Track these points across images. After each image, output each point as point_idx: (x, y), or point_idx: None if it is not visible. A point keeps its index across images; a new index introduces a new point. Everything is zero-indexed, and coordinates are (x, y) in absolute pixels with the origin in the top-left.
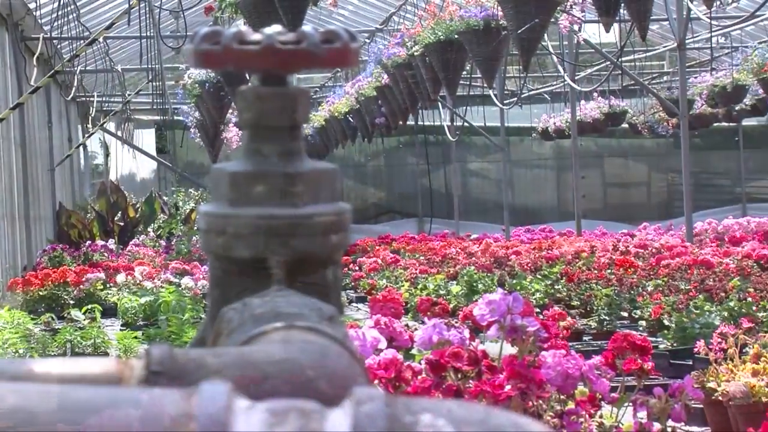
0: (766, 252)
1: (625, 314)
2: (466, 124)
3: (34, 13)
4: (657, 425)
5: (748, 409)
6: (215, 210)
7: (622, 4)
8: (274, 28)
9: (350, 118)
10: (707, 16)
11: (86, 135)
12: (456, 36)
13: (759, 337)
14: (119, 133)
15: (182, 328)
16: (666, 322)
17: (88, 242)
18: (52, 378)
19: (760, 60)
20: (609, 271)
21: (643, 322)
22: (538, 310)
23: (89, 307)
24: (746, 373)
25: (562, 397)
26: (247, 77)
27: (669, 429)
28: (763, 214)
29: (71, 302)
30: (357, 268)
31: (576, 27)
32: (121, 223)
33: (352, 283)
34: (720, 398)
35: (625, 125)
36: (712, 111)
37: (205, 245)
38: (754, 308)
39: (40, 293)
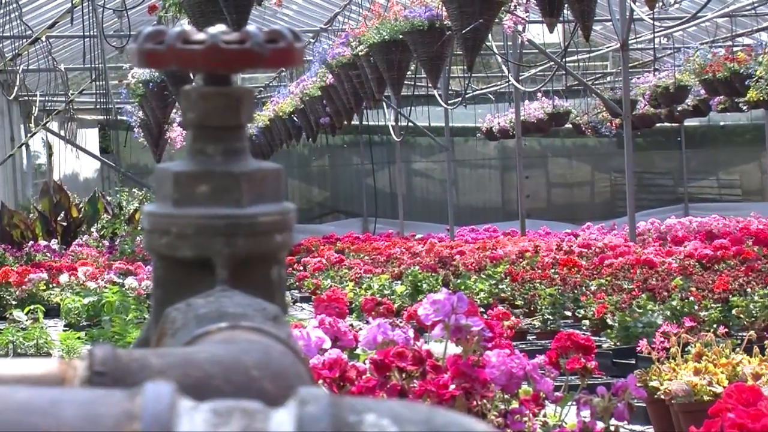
0: (708, 251)
1: (569, 313)
2: (410, 124)
3: None
4: (600, 424)
5: (690, 407)
6: (159, 210)
7: (566, 5)
8: (218, 28)
9: (295, 118)
10: (650, 17)
11: (29, 134)
12: (400, 36)
13: (701, 336)
14: (62, 133)
15: (126, 328)
16: (609, 322)
17: (31, 242)
18: None
19: (701, 61)
20: (553, 270)
21: (587, 322)
22: (482, 309)
23: (32, 307)
24: (688, 372)
25: (506, 396)
26: (191, 77)
27: (612, 428)
28: (704, 213)
29: (13, 303)
30: (301, 267)
31: (520, 27)
32: (64, 224)
33: (297, 283)
34: (662, 397)
35: (568, 125)
36: (654, 111)
37: (149, 245)
38: (696, 307)
39: None
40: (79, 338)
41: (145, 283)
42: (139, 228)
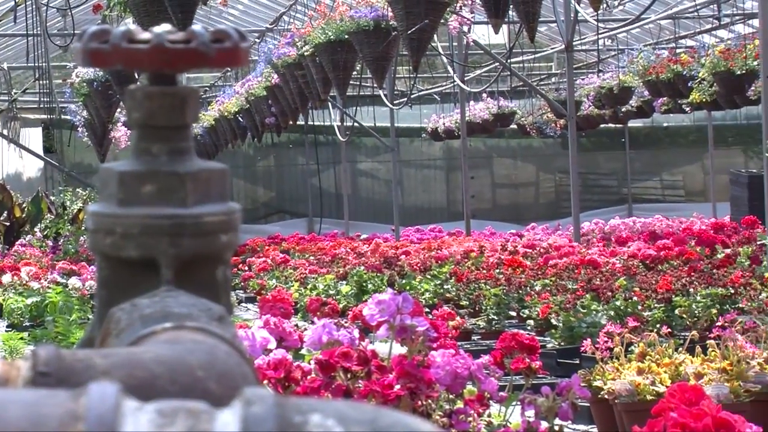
0: (652, 252)
1: (514, 314)
2: (356, 124)
3: None
4: (544, 424)
5: (633, 407)
6: (104, 210)
7: (511, 6)
8: (164, 27)
9: (240, 118)
10: (594, 19)
11: None
12: (346, 36)
13: (644, 336)
14: (5, 132)
15: (69, 329)
16: (554, 322)
17: None
18: None
19: (645, 62)
20: (498, 270)
21: (531, 322)
22: (427, 309)
23: None
24: (632, 372)
25: (451, 396)
26: (136, 76)
27: (556, 427)
28: (648, 214)
29: None
30: (246, 268)
31: (465, 28)
32: (7, 223)
33: (242, 283)
34: (606, 396)
35: (513, 126)
36: (599, 112)
37: (94, 245)
38: (639, 307)
39: None
40: (22, 339)
41: (89, 283)
42: (83, 228)
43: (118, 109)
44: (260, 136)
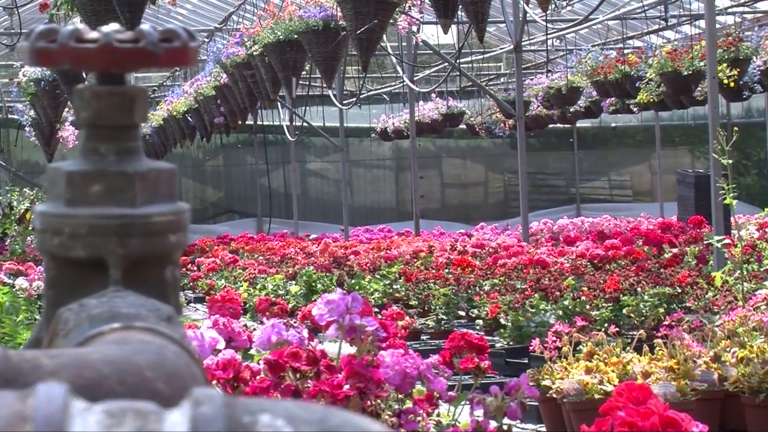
0: (600, 252)
1: (463, 313)
2: (305, 124)
3: None
4: (493, 423)
5: (581, 406)
6: (52, 210)
7: (460, 6)
8: (112, 27)
9: (189, 118)
10: (543, 19)
11: None
12: (295, 36)
13: (592, 335)
14: None
15: (16, 329)
16: (502, 321)
17: None
18: None
19: (593, 63)
20: (447, 270)
21: (480, 321)
22: (376, 309)
23: None
24: (580, 371)
25: (400, 396)
26: (84, 76)
27: (505, 427)
28: (596, 214)
29: None
30: (195, 268)
31: (414, 28)
32: None
33: (191, 284)
34: (554, 396)
35: (462, 126)
36: (547, 113)
37: (41, 245)
38: (587, 307)
39: None
40: None
41: (37, 283)
42: (30, 228)
43: (66, 109)
44: (209, 135)
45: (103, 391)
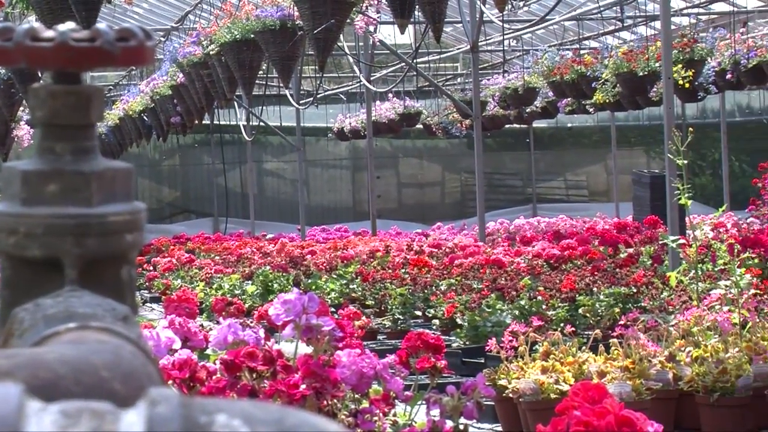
0: (556, 252)
1: (419, 313)
2: (262, 123)
3: None
4: (449, 423)
5: (537, 405)
6: (7, 209)
7: (417, 7)
8: (68, 26)
9: (145, 117)
10: (499, 20)
11: None
12: (252, 35)
13: (548, 335)
14: None
15: None
16: (459, 321)
17: None
18: None
19: (549, 63)
20: (403, 270)
21: (437, 321)
22: (333, 309)
23: None
24: (536, 371)
25: (356, 396)
26: (40, 74)
27: (461, 426)
28: (552, 214)
29: None
30: (151, 267)
31: (371, 28)
32: None
33: (147, 283)
34: (511, 395)
35: (419, 126)
36: (504, 113)
37: None
38: (543, 307)
39: None
40: None
41: None
42: None
43: (21, 108)
44: (165, 135)
45: (59, 391)
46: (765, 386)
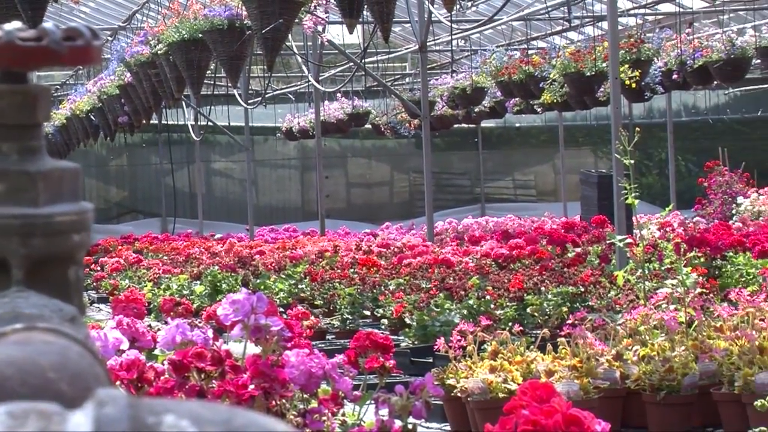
0: (504, 251)
1: (368, 313)
2: (210, 123)
3: None
4: (398, 422)
5: (485, 405)
6: None
7: (366, 7)
8: (14, 25)
9: (92, 117)
10: (448, 20)
11: None
12: (200, 35)
13: (497, 334)
14: None
15: None
16: (407, 321)
17: None
18: None
19: (498, 63)
20: (352, 270)
21: (386, 321)
22: (282, 309)
23: None
24: (484, 370)
25: (305, 396)
26: None
27: (410, 426)
28: (500, 213)
29: None
30: (99, 268)
31: (320, 28)
32: None
33: (94, 284)
34: (459, 395)
35: (368, 126)
36: (452, 112)
37: None
38: (492, 306)
39: None
40: None
41: None
42: None
43: None
44: (113, 135)
45: (5, 392)
46: (711, 384)
